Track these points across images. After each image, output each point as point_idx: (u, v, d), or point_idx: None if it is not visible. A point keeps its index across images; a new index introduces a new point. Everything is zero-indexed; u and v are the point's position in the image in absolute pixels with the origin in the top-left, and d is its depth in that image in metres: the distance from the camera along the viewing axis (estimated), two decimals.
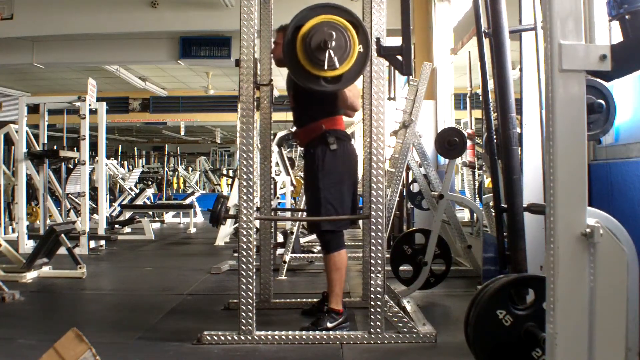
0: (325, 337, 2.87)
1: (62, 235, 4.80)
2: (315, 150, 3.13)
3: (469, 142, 4.59)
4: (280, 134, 6.71)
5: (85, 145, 6.37)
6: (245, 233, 2.86)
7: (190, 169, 18.34)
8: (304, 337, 2.86)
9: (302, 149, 3.43)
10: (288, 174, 6.90)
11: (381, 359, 2.71)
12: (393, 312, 2.87)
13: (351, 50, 2.59)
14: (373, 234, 2.84)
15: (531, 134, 2.95)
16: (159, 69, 12.06)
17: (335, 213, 3.07)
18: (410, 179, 5.46)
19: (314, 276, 4.89)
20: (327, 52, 2.54)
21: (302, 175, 3.53)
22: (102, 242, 6.83)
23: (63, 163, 7.16)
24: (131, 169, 14.17)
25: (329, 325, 3.00)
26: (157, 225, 10.11)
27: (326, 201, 3.06)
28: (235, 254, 5.48)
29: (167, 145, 18.83)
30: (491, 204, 3.83)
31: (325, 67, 2.56)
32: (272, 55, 3.47)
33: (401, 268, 4.10)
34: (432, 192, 4.58)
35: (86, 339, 1.90)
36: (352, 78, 2.70)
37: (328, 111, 3.16)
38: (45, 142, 6.82)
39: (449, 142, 4.28)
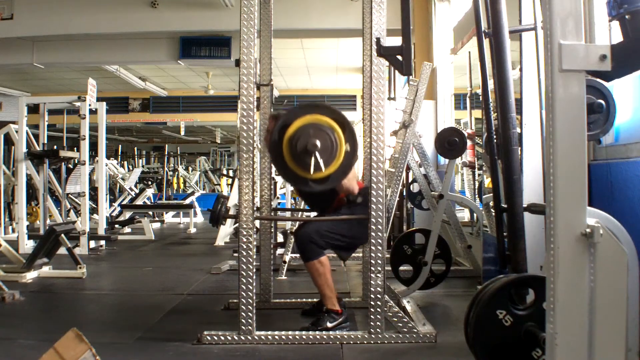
0: (325, 337, 2.87)
1: (62, 235, 4.80)
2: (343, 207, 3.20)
3: (469, 142, 4.59)
4: None
5: (85, 145, 6.37)
6: (245, 233, 2.86)
7: (190, 169, 18.33)
8: (304, 337, 2.86)
9: None
10: None
11: (381, 359, 2.71)
12: (393, 312, 2.87)
13: (337, 152, 2.63)
14: (373, 234, 2.84)
15: (531, 134, 2.95)
16: (159, 69, 12.06)
17: (318, 245, 3.09)
18: (410, 179, 5.46)
19: None
20: (313, 156, 2.57)
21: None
22: (102, 242, 6.83)
23: (63, 163, 7.16)
24: (131, 169, 14.17)
25: (329, 325, 3.01)
26: (157, 225, 10.10)
27: (326, 232, 3.11)
28: (235, 254, 5.48)
29: (167, 145, 18.82)
30: (491, 204, 3.83)
31: (312, 172, 2.59)
32: (265, 142, 3.46)
33: (401, 268, 4.10)
34: (432, 192, 4.58)
35: (86, 339, 1.90)
36: (339, 177, 2.74)
37: (337, 189, 3.17)
38: (45, 142, 6.83)
39: (449, 142, 4.28)
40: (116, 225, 8.42)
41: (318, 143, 2.58)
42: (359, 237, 3.06)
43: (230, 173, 15.58)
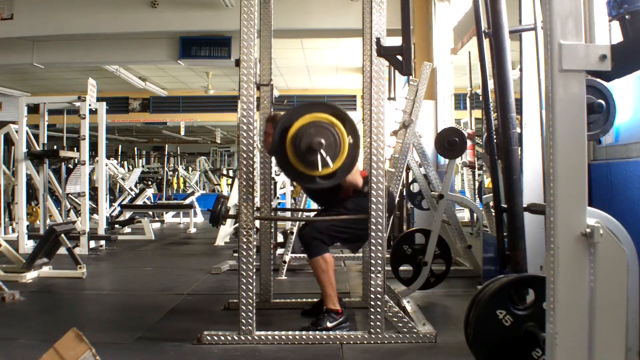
0: (325, 337, 2.87)
1: (62, 235, 4.80)
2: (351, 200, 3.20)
3: (469, 142, 4.59)
4: None
5: (85, 145, 6.37)
6: (245, 233, 2.86)
7: (190, 169, 18.33)
8: (304, 337, 2.86)
9: None
10: None
11: (381, 359, 2.71)
12: (393, 312, 2.87)
13: (341, 146, 2.63)
14: (373, 234, 2.84)
15: (531, 134, 2.95)
16: (159, 69, 12.06)
17: (323, 242, 3.12)
18: (410, 179, 5.46)
19: (313, 276, 4.86)
20: (319, 153, 2.58)
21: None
22: (102, 242, 6.83)
23: (63, 163, 7.16)
24: (131, 169, 14.17)
25: (329, 325, 3.01)
26: (157, 225, 10.11)
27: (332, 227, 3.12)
28: (235, 254, 5.48)
29: (167, 145, 18.82)
30: (491, 204, 3.83)
31: (320, 169, 2.60)
32: (263, 144, 3.48)
33: (401, 268, 4.10)
34: (432, 192, 4.58)
35: (86, 339, 1.90)
36: (346, 171, 2.74)
37: (341, 184, 3.16)
38: (45, 142, 6.83)
39: (449, 142, 4.27)
40: (116, 225, 8.42)
41: (323, 141, 2.58)
42: (364, 227, 3.07)
43: (230, 173, 15.58)
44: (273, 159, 3.64)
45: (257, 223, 3.52)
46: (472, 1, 2.67)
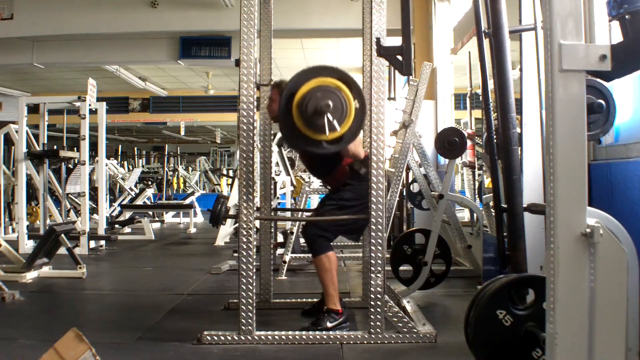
0: (325, 337, 2.86)
1: (62, 235, 4.80)
2: (349, 183, 3.19)
3: (469, 142, 4.59)
4: (280, 134, 6.71)
5: (85, 145, 6.36)
6: (245, 233, 2.86)
7: (190, 169, 18.33)
8: (304, 337, 2.86)
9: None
10: (288, 174, 6.89)
11: (381, 359, 2.71)
12: (393, 312, 2.87)
13: (348, 110, 2.62)
14: (373, 234, 2.84)
15: (531, 134, 2.95)
16: (159, 69, 12.06)
17: (327, 238, 3.14)
18: (410, 179, 5.46)
19: (314, 276, 4.86)
20: (326, 117, 2.56)
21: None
22: (102, 242, 6.83)
23: (63, 163, 7.16)
24: (131, 169, 14.17)
25: (329, 325, 3.01)
26: (157, 225, 10.10)
27: (337, 207, 3.12)
28: (235, 254, 5.48)
29: (167, 145, 18.83)
30: (491, 204, 3.83)
31: (327, 132, 2.58)
32: (268, 110, 3.47)
33: (401, 268, 4.10)
34: (432, 192, 4.58)
35: (86, 339, 1.90)
36: (352, 136, 2.73)
37: (343, 154, 3.16)
38: (45, 142, 6.82)
39: (449, 142, 4.27)
40: (116, 225, 8.42)
41: (330, 103, 2.57)
42: (364, 213, 3.09)
43: (230, 173, 15.58)
44: (274, 151, 3.64)
45: (257, 223, 3.52)
46: (472, 1, 2.67)
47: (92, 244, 6.51)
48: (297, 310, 3.52)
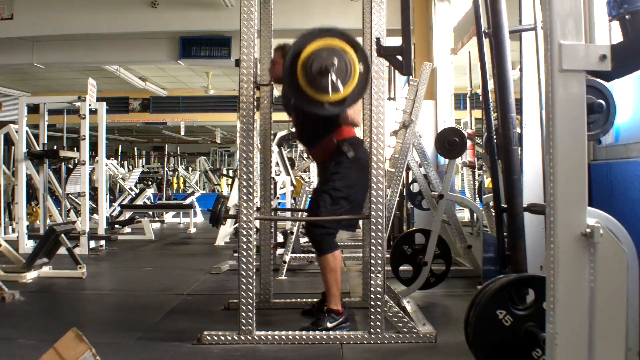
0: (325, 337, 2.86)
1: (62, 235, 4.80)
2: (333, 162, 3.15)
3: (469, 142, 4.59)
4: (280, 134, 6.72)
5: (85, 145, 6.36)
6: (245, 233, 2.86)
7: (190, 169, 18.34)
8: (304, 337, 2.86)
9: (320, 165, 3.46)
10: (288, 174, 6.90)
11: (381, 359, 2.71)
12: (393, 312, 2.87)
13: (352, 72, 2.60)
14: (373, 234, 2.84)
15: (531, 134, 2.95)
16: (159, 69, 12.07)
17: (333, 235, 3.14)
18: (410, 179, 5.46)
19: (314, 276, 4.89)
20: (330, 77, 2.55)
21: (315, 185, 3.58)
22: (102, 242, 6.83)
23: (63, 163, 7.16)
24: (131, 169, 14.17)
25: (329, 325, 3.00)
26: (157, 225, 10.10)
27: (332, 200, 3.08)
28: (235, 254, 5.47)
29: (167, 145, 18.84)
30: (491, 204, 3.83)
31: (330, 93, 2.57)
32: (270, 73, 3.47)
33: (401, 268, 4.10)
34: (432, 192, 4.58)
35: (86, 339, 1.90)
36: (355, 99, 2.71)
37: (335, 124, 3.14)
38: (45, 142, 6.83)
39: (449, 142, 4.27)
40: (116, 225, 8.42)
41: (335, 61, 2.55)
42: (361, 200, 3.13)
43: (230, 173, 15.58)
44: (274, 151, 3.63)
45: (257, 223, 3.52)
46: (472, 1, 2.67)
47: (92, 244, 6.51)
48: (297, 310, 3.52)
